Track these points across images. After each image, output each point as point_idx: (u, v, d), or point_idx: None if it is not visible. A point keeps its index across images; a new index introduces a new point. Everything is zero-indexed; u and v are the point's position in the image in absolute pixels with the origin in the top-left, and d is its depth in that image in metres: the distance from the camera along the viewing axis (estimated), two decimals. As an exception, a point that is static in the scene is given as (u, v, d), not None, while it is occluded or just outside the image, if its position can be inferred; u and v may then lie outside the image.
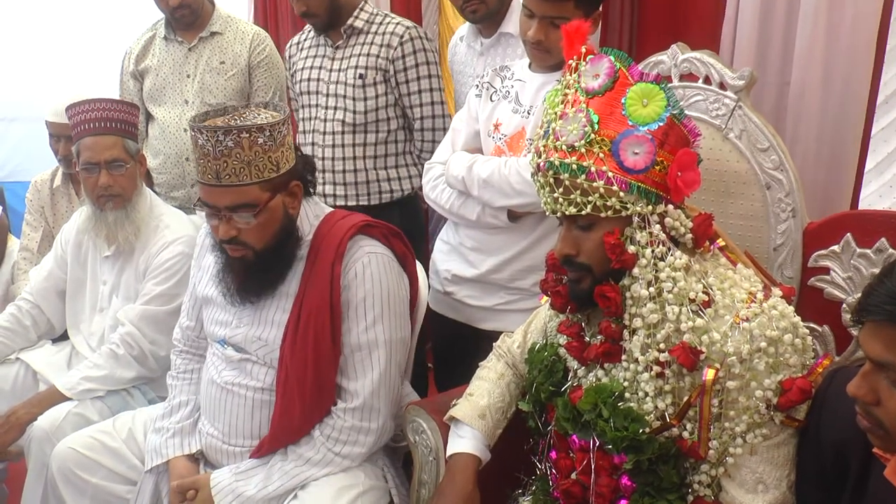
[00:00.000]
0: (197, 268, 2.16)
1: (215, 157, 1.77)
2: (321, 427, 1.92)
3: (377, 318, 1.92)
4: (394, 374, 1.97)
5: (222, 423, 1.99)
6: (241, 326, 1.98)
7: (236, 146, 1.77)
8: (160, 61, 3.17)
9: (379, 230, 2.01)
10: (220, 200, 1.81)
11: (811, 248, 1.75)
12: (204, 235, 2.14)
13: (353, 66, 2.81)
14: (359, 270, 1.92)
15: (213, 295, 2.04)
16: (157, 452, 2.04)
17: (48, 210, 3.28)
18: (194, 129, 1.80)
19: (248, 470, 1.91)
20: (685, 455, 1.50)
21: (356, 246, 1.95)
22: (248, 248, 1.87)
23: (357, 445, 1.92)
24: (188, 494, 1.91)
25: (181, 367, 2.19)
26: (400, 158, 2.90)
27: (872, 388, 1.19)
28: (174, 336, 2.24)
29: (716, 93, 1.85)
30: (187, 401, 2.12)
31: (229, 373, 2.00)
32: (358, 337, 1.92)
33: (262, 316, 1.96)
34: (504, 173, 2.14)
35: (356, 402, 1.91)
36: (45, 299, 2.64)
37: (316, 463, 1.90)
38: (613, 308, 1.50)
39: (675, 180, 1.46)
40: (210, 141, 1.77)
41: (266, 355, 1.95)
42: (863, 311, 1.17)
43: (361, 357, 1.93)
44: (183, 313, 2.22)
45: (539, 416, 1.75)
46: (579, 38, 1.53)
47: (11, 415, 2.28)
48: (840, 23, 2.05)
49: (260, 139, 1.79)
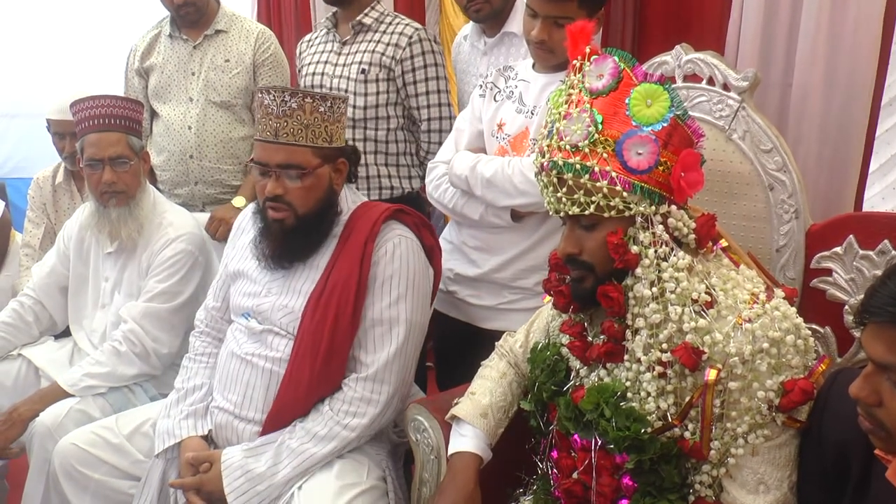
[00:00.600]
0: (231, 247, 2.23)
1: (277, 116, 1.90)
2: (331, 401, 1.95)
3: (401, 296, 1.99)
4: (410, 353, 2.01)
5: (236, 395, 2.01)
6: (270, 295, 2.03)
7: (299, 108, 1.90)
8: (165, 59, 3.17)
9: (411, 218, 2.11)
10: (273, 157, 1.92)
11: (814, 249, 1.75)
12: (244, 216, 2.23)
13: (356, 61, 2.82)
14: (389, 249, 2.00)
15: (245, 268, 2.10)
16: (170, 434, 2.05)
17: (50, 206, 3.28)
18: (262, 90, 1.92)
19: (257, 447, 1.93)
20: (687, 455, 1.50)
21: (389, 228, 2.04)
22: (291, 210, 1.96)
23: (364, 417, 1.94)
24: (202, 467, 1.93)
25: (199, 350, 2.21)
26: (401, 158, 2.91)
27: (874, 390, 1.19)
28: (197, 317, 2.27)
29: (719, 94, 1.85)
30: (201, 384, 2.13)
31: (250, 345, 2.03)
32: (381, 312, 1.98)
33: (290, 285, 2.02)
34: (507, 173, 2.14)
35: (368, 371, 1.96)
36: (47, 295, 2.65)
37: (322, 438, 1.91)
38: (616, 308, 1.50)
39: (678, 181, 1.46)
40: (276, 100, 1.89)
41: (290, 324, 1.99)
42: (865, 312, 1.17)
43: (382, 331, 1.98)
44: (210, 295, 2.26)
45: (541, 416, 1.75)
46: (583, 39, 1.53)
47: (13, 411, 2.28)
48: (843, 24, 2.05)
49: (321, 107, 1.93)
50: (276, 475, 1.88)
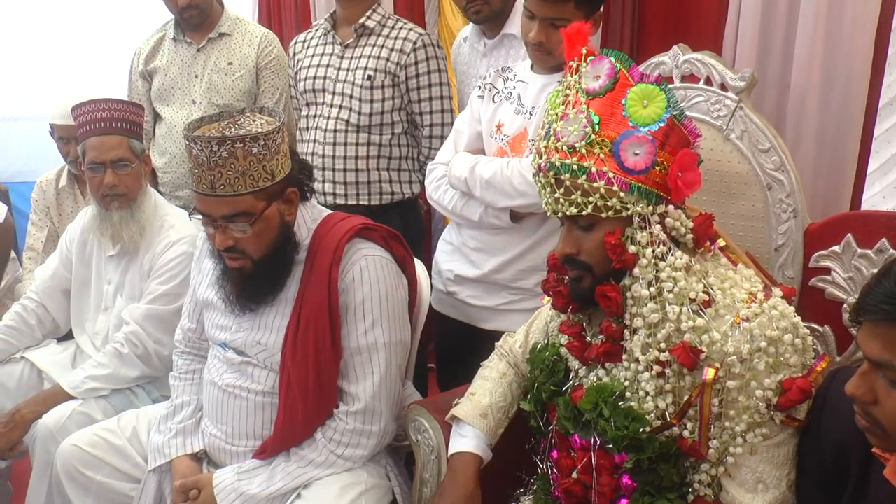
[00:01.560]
0: (197, 271, 2.17)
1: (209, 168, 1.77)
2: (323, 430, 1.93)
3: (376, 320, 1.93)
4: (394, 376, 1.98)
5: (225, 425, 2.01)
6: (241, 331, 1.99)
7: (230, 156, 1.76)
8: (169, 62, 3.18)
9: (378, 233, 2.02)
10: (216, 210, 1.82)
11: (812, 248, 1.75)
12: (203, 239, 2.15)
13: (362, 66, 2.81)
14: (356, 273, 1.92)
15: (213, 299, 2.04)
16: (160, 452, 2.05)
17: (53, 210, 3.29)
18: (188, 138, 1.79)
19: (251, 470, 1.92)
20: (686, 454, 1.51)
21: (353, 249, 1.95)
22: (246, 258, 1.88)
23: (359, 448, 1.93)
24: (191, 494, 1.92)
25: (183, 368, 2.20)
26: (403, 162, 2.91)
27: (870, 388, 1.19)
28: (175, 337, 2.26)
29: (717, 94, 1.86)
30: (189, 401, 2.13)
31: (230, 375, 2.00)
32: (357, 340, 1.93)
33: (261, 321, 1.97)
34: (506, 174, 2.14)
35: (358, 405, 1.92)
36: (50, 298, 2.66)
37: (319, 464, 1.91)
38: (614, 308, 1.51)
39: (675, 181, 1.47)
40: (204, 151, 1.76)
41: (266, 359, 1.96)
42: (861, 310, 1.18)
43: (362, 360, 1.94)
44: (184, 315, 2.23)
45: (540, 416, 1.76)
46: (580, 40, 1.54)
47: (16, 413, 2.29)
48: (840, 24, 2.05)
49: (254, 149, 1.78)
50: (270, 487, 1.88)
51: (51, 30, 4.96)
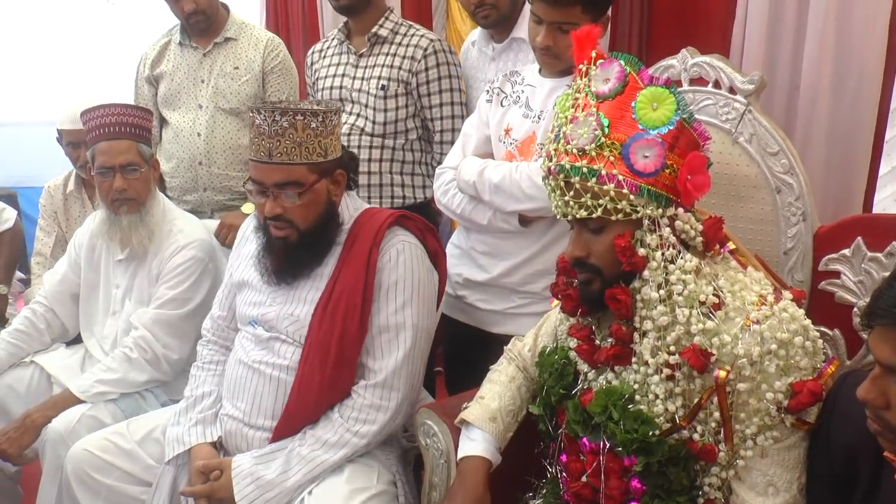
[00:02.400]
0: (236, 255, 2.23)
1: (269, 136, 1.88)
2: (340, 408, 1.96)
3: (407, 301, 1.99)
4: (417, 358, 2.01)
5: (245, 402, 2.02)
6: (275, 304, 2.03)
7: (290, 127, 1.88)
8: (175, 66, 3.19)
9: (415, 223, 2.10)
10: (270, 177, 1.92)
11: (822, 251, 1.75)
12: (248, 225, 2.23)
13: (376, 76, 2.83)
14: (393, 255, 2.00)
15: (249, 278, 2.11)
16: (180, 441, 2.06)
17: (61, 215, 3.31)
18: (253, 109, 1.92)
19: (267, 454, 1.94)
20: (696, 457, 1.51)
21: (392, 234, 2.04)
22: (292, 228, 1.96)
23: (373, 424, 1.95)
24: (212, 475, 1.94)
25: (207, 358, 2.22)
26: (417, 167, 2.91)
27: (882, 392, 1.19)
28: (203, 326, 2.28)
29: (725, 97, 1.85)
30: (210, 391, 2.14)
31: (258, 352, 2.04)
32: (387, 318, 1.98)
33: (295, 294, 2.02)
34: (515, 178, 2.14)
35: (377, 378, 1.96)
36: (58, 303, 2.66)
37: (332, 445, 1.92)
38: (624, 311, 1.51)
39: (684, 183, 1.47)
40: (267, 120, 1.88)
41: (296, 332, 2.00)
42: (872, 315, 1.17)
43: (388, 338, 1.98)
44: (215, 304, 2.27)
45: (549, 420, 1.75)
46: (589, 43, 1.54)
47: (26, 418, 2.30)
48: (849, 25, 2.05)
49: (313, 123, 1.90)
50: (287, 482, 1.89)
51: (58, 36, 5.00)
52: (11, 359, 2.56)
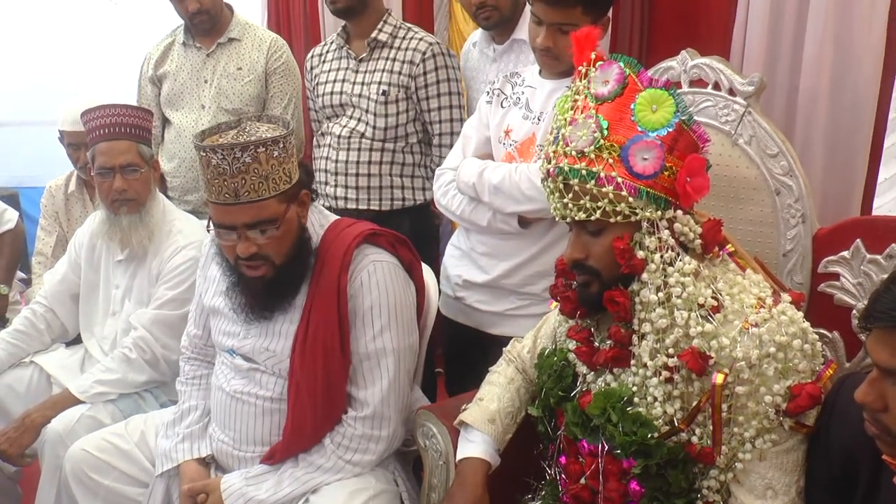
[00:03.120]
0: (203, 278, 2.16)
1: (232, 175, 1.75)
2: (332, 435, 1.93)
3: (384, 326, 1.93)
4: (403, 381, 1.98)
5: (233, 431, 2.01)
6: (250, 338, 1.98)
7: (254, 161, 1.76)
8: (178, 66, 3.20)
9: (385, 238, 2.02)
10: (239, 218, 1.80)
11: (821, 253, 1.75)
12: (208, 245, 2.14)
13: (376, 81, 2.83)
14: (364, 279, 1.92)
15: (220, 306, 2.04)
16: (168, 457, 2.05)
17: (62, 215, 3.31)
18: (206, 149, 1.77)
19: (259, 475, 1.92)
20: (694, 460, 1.50)
21: (361, 255, 1.95)
22: (268, 264, 1.86)
23: (367, 453, 1.93)
24: (199, 499, 1.92)
25: (189, 374, 2.20)
26: (417, 169, 2.92)
27: (880, 395, 1.19)
28: (182, 343, 2.26)
29: (725, 99, 1.85)
30: (196, 405, 2.13)
31: (238, 381, 2.01)
32: (366, 346, 1.93)
33: (270, 328, 1.97)
34: (514, 179, 2.14)
35: (366, 410, 1.92)
36: (58, 303, 2.66)
37: (327, 470, 1.91)
38: (623, 313, 1.51)
39: (683, 186, 1.47)
40: (227, 159, 1.75)
41: (275, 366, 1.96)
42: (870, 317, 1.17)
43: (370, 366, 1.94)
44: (190, 322, 2.23)
45: (548, 421, 1.75)
46: (589, 45, 1.54)
47: (26, 418, 2.30)
48: (849, 26, 2.04)
49: (275, 152, 1.79)
50: (278, 493, 1.88)
51: (60, 36, 5.00)
52: (11, 359, 2.56)
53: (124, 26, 4.81)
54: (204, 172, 1.82)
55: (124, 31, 4.76)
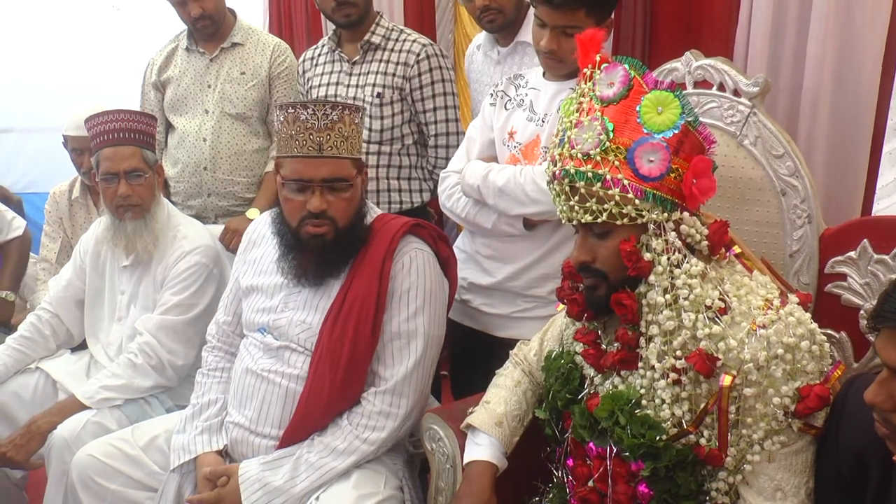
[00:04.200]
0: (242, 261, 2.22)
1: (319, 130, 1.89)
2: (349, 415, 1.96)
3: (419, 309, 1.99)
4: (427, 366, 2.01)
5: (252, 410, 2.01)
6: (287, 311, 2.03)
7: (339, 120, 1.91)
8: (182, 71, 3.20)
9: (427, 232, 2.11)
10: (318, 172, 1.91)
11: (828, 254, 1.75)
12: (255, 229, 2.22)
13: (370, 83, 2.83)
14: (405, 263, 2.01)
15: (259, 283, 2.10)
16: (185, 450, 2.05)
17: (66, 221, 3.31)
18: (296, 105, 1.91)
19: (275, 460, 1.93)
20: (703, 462, 1.50)
21: (406, 242, 2.05)
22: (332, 225, 1.95)
23: (383, 431, 1.95)
24: (219, 482, 1.93)
25: (212, 364, 2.21)
26: (413, 171, 2.92)
27: (890, 395, 1.19)
28: (209, 332, 2.28)
29: (730, 99, 1.85)
30: (216, 399, 2.14)
31: (266, 360, 2.03)
32: (399, 325, 1.98)
33: (307, 301, 2.02)
34: (519, 182, 2.14)
35: (388, 384, 1.96)
36: (64, 309, 2.66)
37: (341, 452, 1.91)
38: (630, 315, 1.51)
39: (690, 187, 1.47)
40: (317, 114, 1.89)
41: (307, 339, 1.99)
42: (878, 318, 1.17)
43: (400, 345, 1.98)
44: (220, 309, 2.27)
45: (556, 424, 1.75)
46: (594, 47, 1.54)
47: (32, 424, 2.30)
48: (850, 25, 2.04)
49: (356, 119, 1.96)
50: (294, 488, 1.88)
51: (64, 42, 5.00)
52: (17, 365, 2.56)
53: (128, 32, 4.81)
54: (285, 130, 1.93)
55: (128, 36, 4.76)
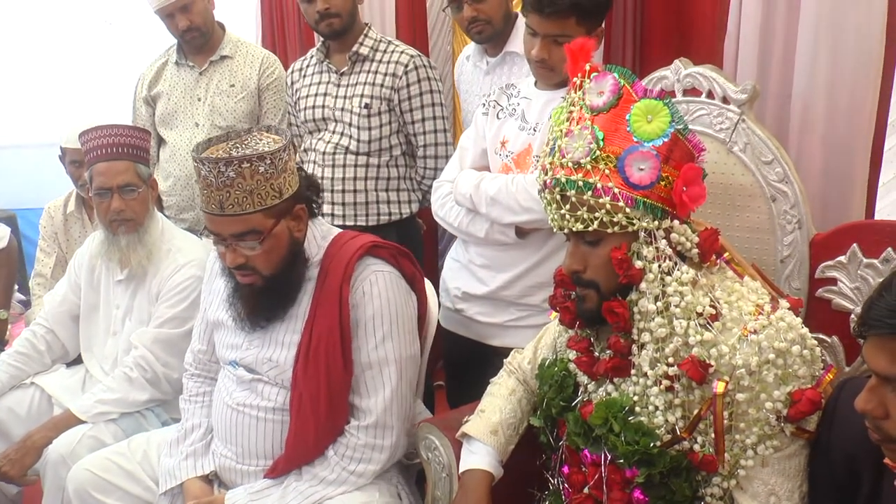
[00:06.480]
0: (207, 292, 2.18)
1: (218, 188, 1.80)
2: (335, 447, 1.94)
3: (386, 335, 1.94)
4: (405, 390, 1.98)
5: (235, 445, 2.01)
6: (252, 348, 2.00)
7: (238, 176, 1.79)
8: (171, 85, 3.21)
9: (387, 251, 2.04)
10: (225, 229, 1.85)
11: (818, 259, 1.75)
12: (214, 260, 2.16)
13: (358, 94, 2.84)
14: (366, 289, 1.94)
15: (224, 318, 2.06)
16: (171, 475, 2.05)
17: (61, 235, 3.31)
18: (196, 160, 1.83)
19: (262, 489, 1.92)
20: (697, 468, 1.50)
21: (363, 266, 1.97)
22: (257, 275, 1.90)
23: (371, 463, 1.93)
24: None
25: (193, 391, 2.20)
26: (402, 182, 2.93)
27: (881, 402, 1.18)
28: (185, 360, 2.26)
29: (719, 107, 1.86)
30: (200, 423, 2.13)
31: (241, 394, 2.01)
32: (368, 355, 1.94)
33: (272, 338, 1.98)
34: (511, 190, 2.15)
35: (369, 419, 1.93)
36: (59, 324, 2.66)
37: (331, 482, 1.91)
38: (622, 323, 1.51)
39: (680, 195, 1.47)
40: (212, 172, 1.79)
41: (277, 376, 1.97)
42: (864, 325, 1.17)
43: (373, 375, 1.94)
44: (194, 338, 2.24)
45: (550, 432, 1.76)
46: (583, 56, 1.55)
47: (27, 439, 2.30)
48: (842, 31, 2.04)
49: (261, 168, 1.81)
50: None
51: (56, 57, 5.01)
52: (12, 381, 2.56)
53: (120, 47, 4.82)
54: (197, 182, 1.87)
55: (120, 51, 4.77)
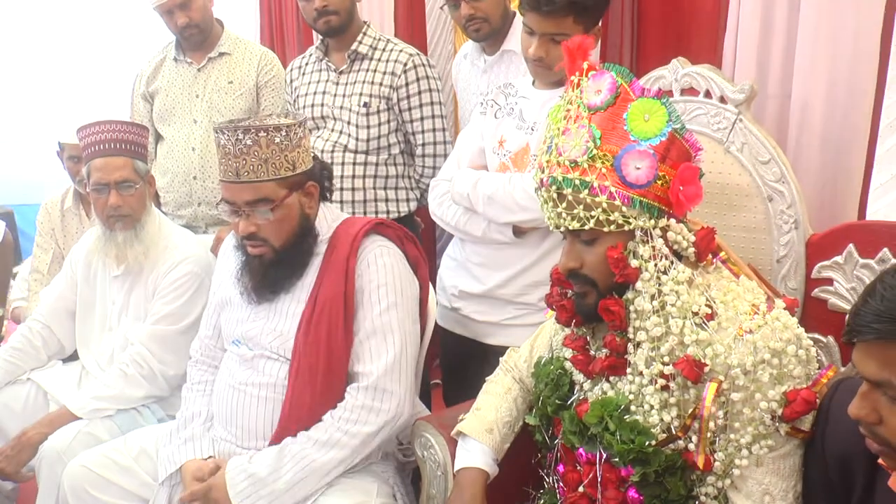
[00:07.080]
0: (218, 273, 2.25)
1: (235, 155, 1.89)
2: (333, 411, 1.95)
3: (391, 305, 1.99)
4: (409, 360, 2.00)
5: (235, 426, 2.02)
6: (258, 320, 2.04)
7: (254, 144, 1.88)
8: (170, 82, 3.21)
9: (393, 231, 2.11)
10: (240, 196, 1.93)
11: (814, 259, 1.76)
12: (228, 242, 2.23)
13: (357, 93, 2.84)
14: (371, 260, 2.01)
15: (231, 296, 2.12)
16: (171, 461, 2.05)
17: (58, 231, 3.30)
18: (217, 129, 1.92)
19: (261, 451, 1.94)
20: (692, 467, 1.51)
21: (370, 241, 2.04)
22: (268, 245, 1.97)
23: (367, 425, 1.93)
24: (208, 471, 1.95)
25: (195, 378, 2.22)
26: (400, 181, 2.93)
27: (873, 408, 1.18)
28: (192, 347, 2.28)
29: (716, 106, 1.87)
30: (199, 412, 2.14)
31: (243, 372, 2.04)
32: (373, 321, 1.98)
33: (277, 308, 2.03)
34: (508, 189, 2.15)
35: (368, 381, 1.95)
36: (55, 320, 2.66)
37: (323, 443, 1.90)
38: (618, 322, 1.51)
39: (677, 195, 1.47)
40: (231, 140, 1.89)
41: (280, 346, 2.00)
42: (852, 332, 1.17)
43: (377, 342, 1.98)
44: (203, 324, 2.27)
45: (546, 430, 1.76)
46: (581, 55, 1.55)
47: (23, 436, 2.30)
48: (842, 32, 2.04)
49: (276, 138, 1.90)
50: (278, 481, 1.88)
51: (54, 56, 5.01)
52: (8, 376, 2.56)
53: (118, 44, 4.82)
54: (217, 153, 1.96)
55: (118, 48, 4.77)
